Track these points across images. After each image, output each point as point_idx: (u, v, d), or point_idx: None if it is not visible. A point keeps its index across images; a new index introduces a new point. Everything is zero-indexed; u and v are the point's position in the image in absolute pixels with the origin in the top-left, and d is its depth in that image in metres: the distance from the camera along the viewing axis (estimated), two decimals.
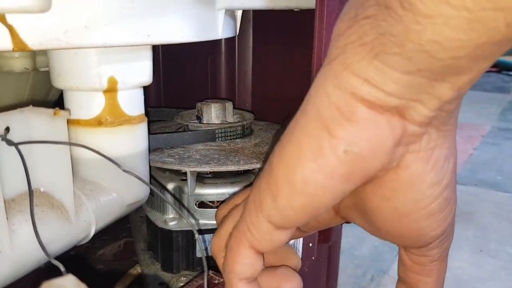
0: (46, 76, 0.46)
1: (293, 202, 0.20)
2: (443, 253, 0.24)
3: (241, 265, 0.23)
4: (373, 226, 0.23)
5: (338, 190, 0.19)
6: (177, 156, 0.53)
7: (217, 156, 0.54)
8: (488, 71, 3.45)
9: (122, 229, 0.66)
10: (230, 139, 0.60)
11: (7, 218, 0.32)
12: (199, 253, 0.53)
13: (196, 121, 0.62)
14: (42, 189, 0.36)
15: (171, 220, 0.54)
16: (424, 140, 0.19)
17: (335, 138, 0.18)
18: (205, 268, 0.37)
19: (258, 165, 0.52)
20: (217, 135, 0.59)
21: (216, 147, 0.57)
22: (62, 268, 0.27)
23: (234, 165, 0.51)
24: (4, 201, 0.33)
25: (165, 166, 0.50)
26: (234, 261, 0.23)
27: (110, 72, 0.38)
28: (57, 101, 0.59)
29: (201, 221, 0.54)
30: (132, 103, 0.41)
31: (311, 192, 0.19)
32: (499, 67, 3.46)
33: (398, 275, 0.27)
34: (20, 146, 0.34)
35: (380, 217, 0.21)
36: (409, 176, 0.20)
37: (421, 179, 0.20)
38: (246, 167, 0.52)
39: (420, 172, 0.20)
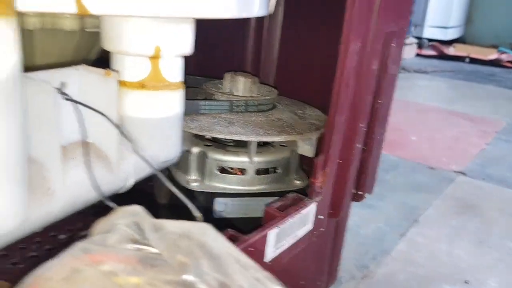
0: (90, 36, 0.50)
1: None
2: None
3: None
4: None
5: None
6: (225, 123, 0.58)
7: (260, 127, 0.58)
8: (510, 67, 3.36)
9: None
10: (263, 111, 0.64)
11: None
12: (215, 214, 0.57)
13: (221, 90, 0.65)
14: (90, 141, 0.40)
15: (193, 181, 0.58)
16: None
17: None
18: None
19: (299, 136, 0.58)
20: (249, 107, 0.63)
21: (255, 118, 0.62)
22: (116, 206, 0.32)
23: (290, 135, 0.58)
24: None
25: (232, 137, 0.56)
26: None
27: (156, 41, 0.41)
28: (95, 61, 0.62)
29: (221, 185, 0.58)
30: (173, 70, 0.44)
31: None
32: None
33: None
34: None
35: None
36: None
37: None
38: (291, 138, 0.58)
39: None
